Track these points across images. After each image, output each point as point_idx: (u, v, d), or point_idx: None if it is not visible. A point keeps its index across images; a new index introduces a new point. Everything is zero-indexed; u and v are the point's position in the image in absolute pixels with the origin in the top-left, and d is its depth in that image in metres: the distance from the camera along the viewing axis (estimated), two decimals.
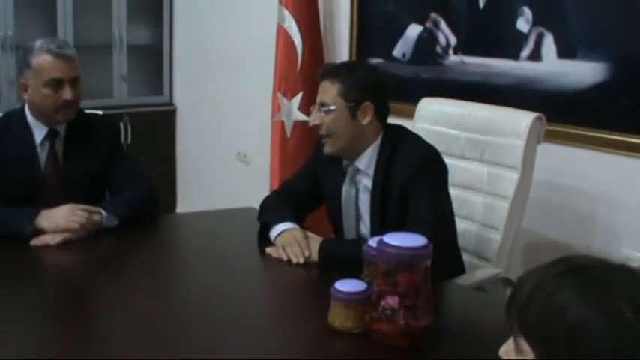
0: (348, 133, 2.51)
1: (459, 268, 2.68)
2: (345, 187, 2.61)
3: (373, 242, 1.95)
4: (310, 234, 2.53)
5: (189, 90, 5.67)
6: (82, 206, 2.66)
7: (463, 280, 2.59)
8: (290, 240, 2.48)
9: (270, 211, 2.68)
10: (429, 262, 1.81)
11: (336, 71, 2.54)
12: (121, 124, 5.34)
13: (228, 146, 5.21)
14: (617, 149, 3.01)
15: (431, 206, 2.43)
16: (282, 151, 4.13)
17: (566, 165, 3.19)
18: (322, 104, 2.51)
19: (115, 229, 2.71)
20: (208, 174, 5.50)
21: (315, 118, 2.53)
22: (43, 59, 2.73)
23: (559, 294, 1.13)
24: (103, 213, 2.70)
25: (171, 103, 5.77)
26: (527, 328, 1.16)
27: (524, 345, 1.17)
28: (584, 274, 1.15)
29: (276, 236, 2.54)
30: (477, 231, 2.81)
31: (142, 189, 2.91)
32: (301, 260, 2.41)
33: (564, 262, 1.20)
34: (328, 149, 2.55)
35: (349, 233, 2.65)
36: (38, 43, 2.76)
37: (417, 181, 2.44)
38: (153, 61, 5.75)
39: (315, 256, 2.43)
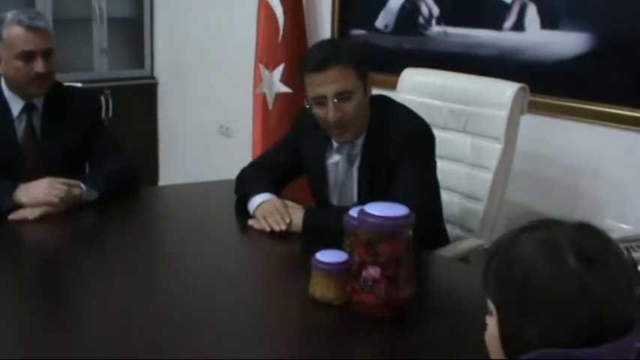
0: (365, 113, 2.45)
1: (443, 239, 2.67)
2: (340, 166, 2.55)
3: (354, 212, 1.93)
4: (290, 202, 2.50)
5: (170, 63, 5.61)
6: (61, 180, 2.63)
7: (446, 251, 2.58)
8: (270, 209, 2.45)
9: (247, 182, 2.66)
10: (410, 233, 1.79)
11: (341, 55, 2.37)
12: (102, 98, 5.28)
13: (210, 119, 5.17)
14: (600, 120, 3.00)
15: (418, 176, 2.40)
16: (264, 123, 4.11)
17: (549, 136, 3.18)
18: (341, 93, 2.35)
19: (95, 202, 2.67)
20: (190, 147, 5.46)
21: (337, 112, 2.35)
22: (14, 31, 2.68)
23: (514, 249, 1.22)
24: (83, 186, 2.66)
25: (152, 77, 5.71)
26: (488, 284, 1.25)
27: (490, 304, 1.25)
28: (539, 230, 1.23)
29: (256, 208, 2.51)
30: (460, 202, 2.80)
31: (121, 162, 2.88)
32: (283, 227, 2.39)
33: (524, 224, 1.28)
34: (350, 136, 2.44)
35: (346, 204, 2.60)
36: (10, 15, 2.70)
37: (405, 152, 2.40)
38: (134, 34, 5.67)
39: (298, 224, 2.40)
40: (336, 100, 2.34)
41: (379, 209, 1.77)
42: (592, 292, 1.14)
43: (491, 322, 1.25)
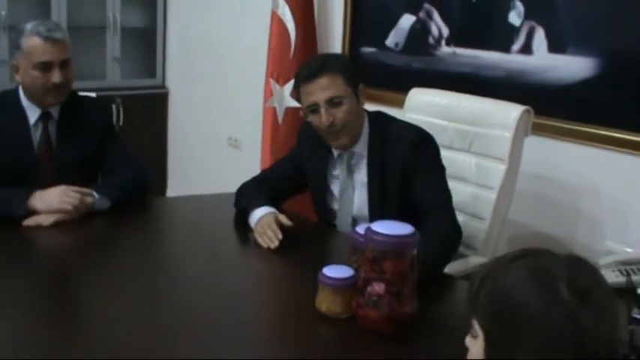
0: (358, 119, 2.58)
1: None
2: (340, 175, 2.66)
3: (361, 229, 1.99)
4: (284, 218, 2.56)
5: (181, 73, 5.68)
6: (74, 188, 2.69)
7: (450, 268, 2.63)
8: (264, 228, 2.52)
9: (247, 196, 2.74)
10: (415, 251, 1.85)
11: (328, 65, 2.54)
12: (113, 107, 5.34)
13: (219, 131, 5.23)
14: (604, 143, 3.05)
15: (443, 188, 2.56)
16: (274, 137, 4.16)
17: (553, 158, 3.23)
18: (331, 99, 2.50)
19: (106, 211, 2.74)
20: (199, 158, 5.52)
21: (329, 117, 2.51)
22: (32, 42, 2.75)
23: (507, 276, 1.25)
24: (95, 195, 2.73)
25: (163, 86, 5.79)
26: (478, 308, 1.28)
27: (477, 327, 1.28)
28: (532, 259, 1.27)
29: (255, 223, 2.58)
30: (464, 220, 2.83)
31: (133, 172, 2.94)
32: (275, 245, 2.45)
33: (516, 252, 1.31)
34: (345, 141, 2.58)
35: (344, 218, 2.69)
36: (29, 26, 2.78)
37: (420, 160, 2.54)
38: (146, 43, 5.75)
39: None
40: (327, 106, 2.50)
41: (385, 227, 1.83)
42: (582, 324, 1.18)
43: (476, 345, 1.28)
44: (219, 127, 5.25)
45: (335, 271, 1.96)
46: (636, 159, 2.96)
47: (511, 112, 2.79)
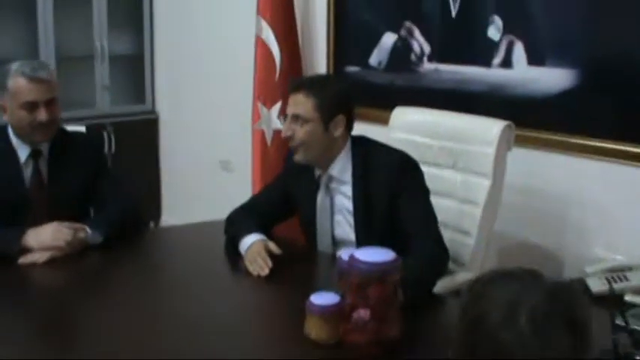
0: (321, 145, 2.61)
1: None
2: (319, 196, 2.71)
3: (345, 255, 2.03)
4: (273, 246, 2.59)
5: (171, 98, 5.71)
6: (67, 224, 2.73)
7: (438, 285, 2.66)
8: (253, 255, 2.56)
9: (237, 224, 2.77)
10: (398, 276, 1.90)
11: (311, 85, 2.62)
12: (105, 134, 5.39)
13: (211, 154, 5.26)
14: (586, 153, 3.11)
15: (428, 210, 2.59)
16: (263, 160, 4.20)
17: (538, 169, 3.28)
18: (297, 117, 2.59)
19: (99, 245, 2.78)
20: (193, 181, 5.54)
21: (288, 130, 2.61)
22: (17, 82, 2.79)
23: (486, 288, 1.29)
24: (88, 230, 2.77)
25: (153, 112, 5.82)
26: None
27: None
28: (513, 281, 1.29)
29: (245, 250, 2.62)
30: (451, 236, 2.87)
31: (124, 204, 2.98)
32: (265, 272, 2.49)
33: (508, 270, 1.34)
34: (299, 157, 2.64)
35: (323, 238, 2.74)
36: (14, 66, 2.82)
37: (404, 185, 2.57)
38: (135, 70, 5.78)
39: None
40: (291, 120, 2.60)
41: (368, 255, 1.88)
42: (531, 352, 1.22)
43: None
44: (210, 151, 5.28)
45: (322, 298, 2.00)
46: (619, 167, 3.02)
47: (492, 127, 2.84)
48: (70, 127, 3.17)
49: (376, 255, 1.88)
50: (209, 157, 5.28)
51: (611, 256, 2.98)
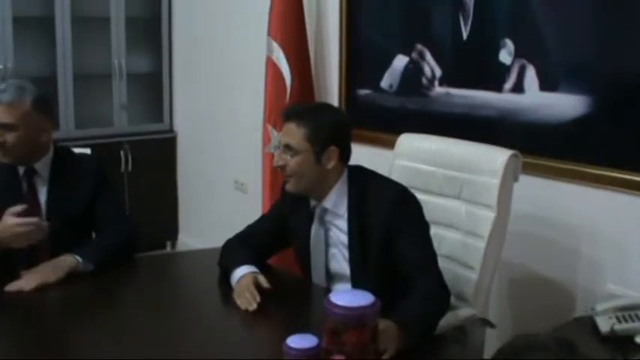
0: (312, 176, 2.53)
1: None
2: (313, 228, 2.63)
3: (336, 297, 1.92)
4: (262, 279, 2.53)
5: (189, 118, 5.69)
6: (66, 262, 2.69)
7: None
8: (242, 289, 2.48)
9: (230, 255, 2.71)
10: (376, 321, 1.80)
11: (303, 114, 2.54)
12: (122, 153, 5.39)
13: (226, 174, 5.22)
14: (600, 183, 2.98)
15: (428, 246, 2.50)
16: (273, 184, 4.12)
17: (549, 198, 3.16)
18: (288, 146, 2.52)
19: (91, 272, 2.71)
20: (208, 201, 5.51)
21: (279, 160, 2.54)
22: None
23: None
24: (79, 259, 2.71)
25: (171, 130, 5.79)
26: None
27: None
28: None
29: (236, 282, 2.55)
30: (454, 269, 2.78)
31: (121, 232, 2.92)
32: (253, 307, 2.40)
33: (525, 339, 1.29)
34: (291, 188, 2.57)
35: (317, 271, 2.66)
36: None
37: (401, 219, 2.47)
38: (152, 89, 5.77)
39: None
40: (283, 149, 2.54)
41: (345, 299, 1.78)
42: None
43: None
44: (225, 171, 5.24)
45: (299, 342, 1.90)
46: (632, 198, 2.89)
47: (498, 157, 2.73)
48: (78, 150, 3.15)
49: (354, 299, 1.78)
50: (224, 178, 5.24)
51: (624, 293, 2.85)
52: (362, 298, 1.79)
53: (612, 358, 2.25)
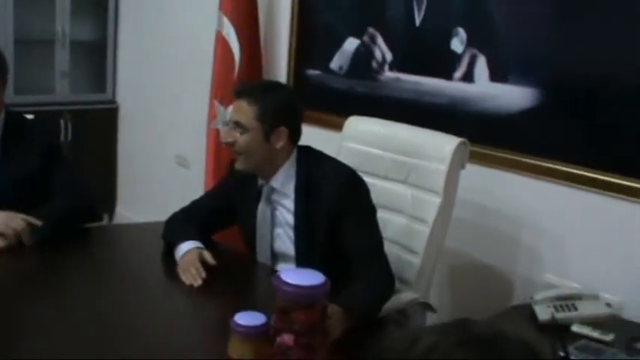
0: (261, 154, 2.51)
1: None
2: (260, 206, 2.61)
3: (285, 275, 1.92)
4: (207, 254, 2.51)
5: (132, 89, 5.58)
6: (22, 215, 2.65)
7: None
8: (187, 265, 2.47)
9: (174, 229, 2.69)
10: (326, 301, 1.79)
11: (254, 92, 2.52)
12: (62, 122, 5.27)
13: (168, 148, 5.15)
14: (543, 175, 3.03)
15: (374, 232, 2.50)
16: (217, 160, 4.09)
17: (493, 187, 3.20)
18: (237, 124, 2.49)
19: (43, 239, 2.66)
20: (149, 175, 5.43)
21: (227, 136, 2.52)
22: None
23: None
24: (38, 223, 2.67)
25: (113, 102, 5.68)
26: None
27: None
28: (476, 349, 1.15)
29: (180, 257, 2.52)
30: (397, 253, 2.79)
31: (74, 198, 2.87)
32: (198, 283, 2.39)
33: (462, 330, 1.20)
34: (240, 165, 2.56)
35: (263, 250, 2.65)
36: None
37: (348, 203, 2.47)
38: (96, 58, 5.63)
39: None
40: (233, 126, 2.51)
41: (295, 277, 1.77)
42: None
43: None
44: (167, 145, 5.16)
45: (247, 318, 1.90)
46: (577, 191, 2.94)
47: (446, 144, 2.75)
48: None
49: (304, 278, 1.77)
50: (166, 152, 5.16)
51: (562, 283, 2.91)
52: (312, 278, 1.78)
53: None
